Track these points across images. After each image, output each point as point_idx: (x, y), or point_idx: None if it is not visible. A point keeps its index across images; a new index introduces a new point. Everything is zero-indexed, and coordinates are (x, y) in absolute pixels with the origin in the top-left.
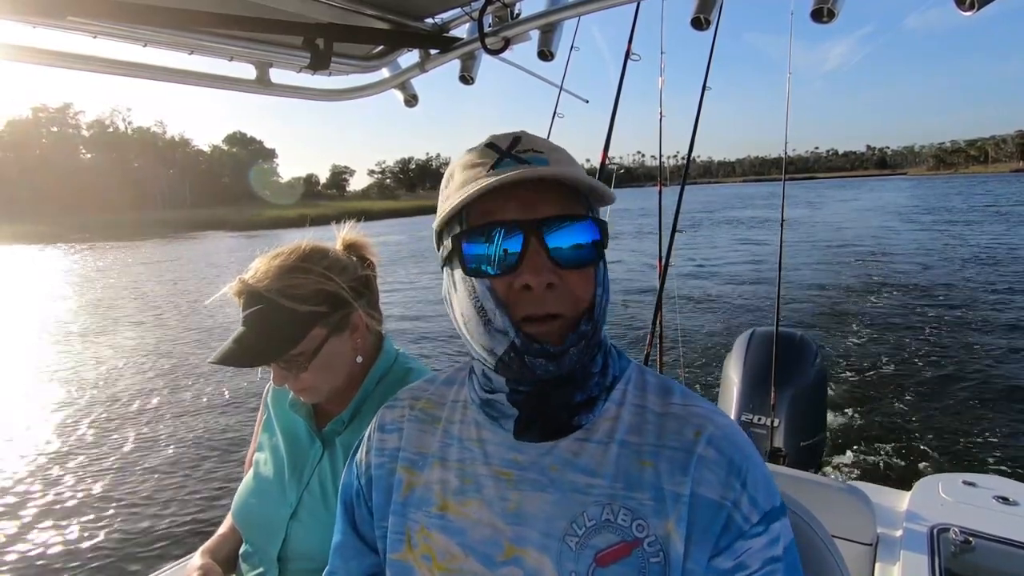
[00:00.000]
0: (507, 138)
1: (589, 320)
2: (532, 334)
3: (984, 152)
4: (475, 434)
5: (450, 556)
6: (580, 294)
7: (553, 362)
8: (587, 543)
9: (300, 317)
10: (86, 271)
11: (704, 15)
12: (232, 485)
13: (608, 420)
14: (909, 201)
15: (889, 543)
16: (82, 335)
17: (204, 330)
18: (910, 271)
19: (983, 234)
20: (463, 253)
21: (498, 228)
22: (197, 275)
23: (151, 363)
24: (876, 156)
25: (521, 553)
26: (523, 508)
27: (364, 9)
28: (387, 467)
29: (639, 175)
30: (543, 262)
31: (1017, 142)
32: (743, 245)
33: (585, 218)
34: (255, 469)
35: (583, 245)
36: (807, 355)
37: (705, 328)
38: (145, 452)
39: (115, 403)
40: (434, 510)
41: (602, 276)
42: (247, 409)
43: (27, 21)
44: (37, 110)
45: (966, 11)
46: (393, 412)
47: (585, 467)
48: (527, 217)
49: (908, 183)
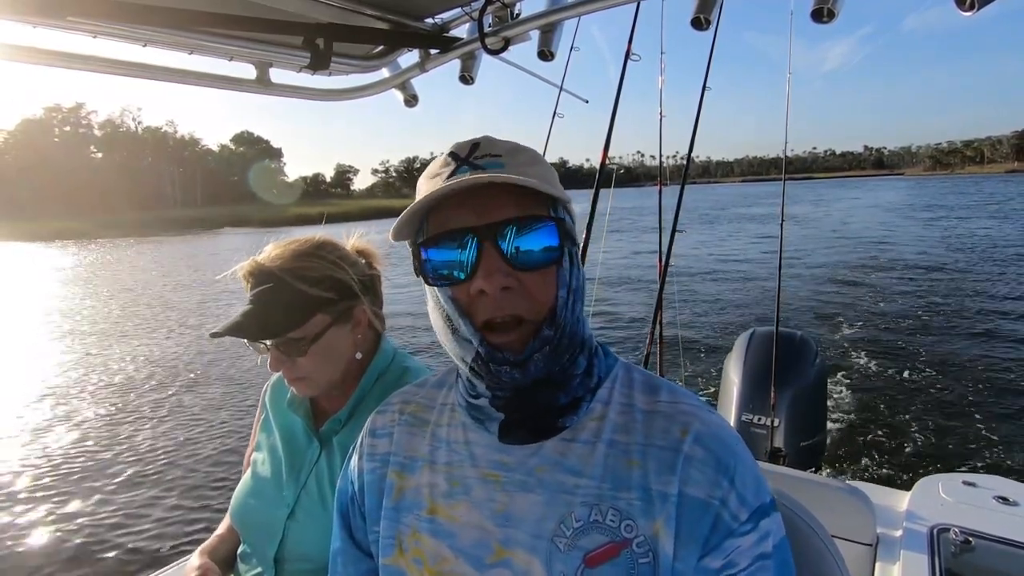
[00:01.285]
0: (467, 145)
1: (552, 324)
2: (495, 343)
3: (980, 153)
4: (462, 436)
5: (441, 559)
6: (540, 297)
7: (518, 369)
8: (576, 544)
9: (307, 299)
10: (145, 264)
11: (704, 15)
12: (230, 485)
13: (595, 420)
14: (907, 200)
15: (889, 543)
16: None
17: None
18: (910, 271)
19: (983, 235)
20: (424, 262)
21: (455, 235)
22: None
23: (154, 361)
24: (873, 156)
25: (510, 555)
26: (511, 510)
27: (364, 9)
28: (378, 472)
29: (639, 175)
30: (498, 265)
31: (1013, 143)
32: (743, 245)
33: (541, 219)
34: (253, 469)
35: (540, 247)
36: (807, 355)
37: (705, 328)
38: (144, 451)
39: (115, 401)
40: (424, 513)
41: (566, 277)
42: (246, 408)
43: (27, 21)
44: (51, 110)
45: (966, 11)
46: (384, 417)
47: (572, 467)
48: (482, 222)
49: (905, 183)
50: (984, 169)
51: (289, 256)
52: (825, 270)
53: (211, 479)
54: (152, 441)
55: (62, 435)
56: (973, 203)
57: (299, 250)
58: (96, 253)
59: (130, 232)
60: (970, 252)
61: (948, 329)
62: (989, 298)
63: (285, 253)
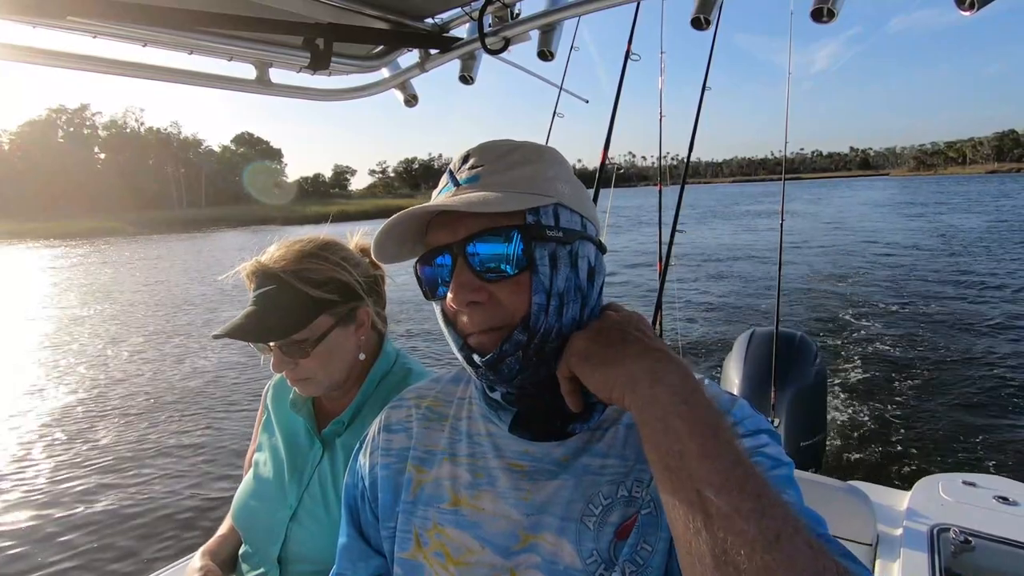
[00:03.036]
0: (460, 158)
1: (524, 329)
2: (471, 345)
3: (962, 154)
4: (484, 429)
5: (466, 550)
6: (511, 307)
7: (492, 371)
8: (606, 521)
9: (311, 301)
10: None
11: (704, 15)
12: (232, 485)
13: (612, 409)
14: (895, 198)
15: (889, 543)
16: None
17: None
18: (910, 271)
19: (978, 233)
20: (419, 279)
21: (435, 253)
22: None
23: (155, 359)
24: (859, 157)
25: (537, 539)
26: (538, 496)
27: (364, 9)
28: (395, 467)
29: (631, 175)
30: (467, 280)
31: (993, 144)
32: (744, 245)
33: (502, 230)
34: (255, 470)
35: (504, 257)
36: (807, 355)
37: (705, 328)
38: (144, 451)
39: (114, 399)
40: (446, 506)
41: (544, 282)
42: (247, 409)
43: (27, 21)
44: (55, 111)
45: (966, 11)
46: (399, 412)
47: (597, 451)
48: (455, 239)
49: (891, 183)
50: (966, 170)
51: (293, 257)
52: (824, 270)
53: (212, 479)
54: (152, 440)
55: (62, 435)
56: (962, 201)
57: (303, 251)
58: (133, 248)
59: (156, 230)
60: (970, 252)
61: (949, 329)
62: (990, 298)
63: (288, 254)
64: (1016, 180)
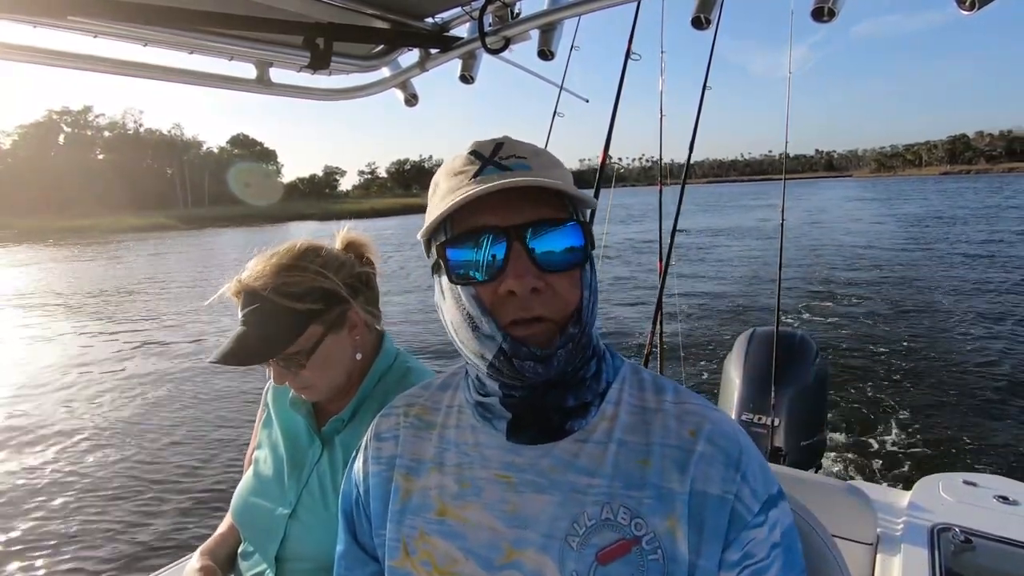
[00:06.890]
0: (490, 144)
1: (577, 323)
2: (520, 337)
3: (919, 156)
4: (471, 438)
5: (451, 560)
6: (567, 297)
7: (541, 364)
8: (588, 542)
9: (296, 315)
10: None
11: (704, 15)
12: (231, 483)
13: (605, 420)
14: (860, 195)
15: (889, 543)
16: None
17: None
18: (910, 271)
19: (977, 237)
20: (448, 261)
21: (482, 235)
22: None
23: (157, 355)
24: (824, 160)
25: (520, 556)
26: (523, 510)
27: (364, 8)
28: (384, 475)
29: (623, 176)
30: (527, 267)
31: (946, 147)
32: (744, 244)
33: (568, 221)
34: (254, 468)
35: (567, 248)
36: (807, 355)
37: (705, 328)
38: (144, 450)
39: (113, 398)
40: (433, 515)
41: (588, 278)
42: (247, 406)
43: (27, 21)
44: (60, 112)
45: (966, 11)
46: (388, 420)
47: (584, 467)
48: (510, 223)
49: (855, 184)
50: (922, 171)
51: (271, 273)
52: (825, 270)
53: (212, 478)
54: (152, 439)
55: (60, 434)
56: (956, 203)
57: (280, 264)
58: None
59: (178, 227)
60: (970, 253)
61: (949, 329)
62: (991, 299)
63: (267, 270)
64: (975, 180)
